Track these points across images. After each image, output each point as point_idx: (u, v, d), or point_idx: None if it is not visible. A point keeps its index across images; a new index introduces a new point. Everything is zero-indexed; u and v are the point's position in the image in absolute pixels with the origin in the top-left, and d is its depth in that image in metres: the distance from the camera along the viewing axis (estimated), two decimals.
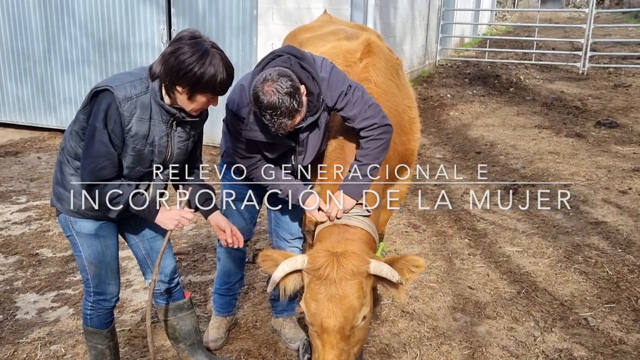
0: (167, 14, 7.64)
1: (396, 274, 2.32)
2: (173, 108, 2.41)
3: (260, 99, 2.34)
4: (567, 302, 3.85)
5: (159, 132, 2.43)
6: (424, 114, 9.33)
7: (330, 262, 2.30)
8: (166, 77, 2.27)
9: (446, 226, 5.19)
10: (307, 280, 2.38)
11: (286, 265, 2.38)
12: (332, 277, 2.28)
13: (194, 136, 2.63)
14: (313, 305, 2.31)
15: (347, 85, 2.59)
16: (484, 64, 13.49)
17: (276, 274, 2.38)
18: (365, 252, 2.42)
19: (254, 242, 4.65)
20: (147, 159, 2.47)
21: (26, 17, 8.25)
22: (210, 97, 2.35)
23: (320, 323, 2.28)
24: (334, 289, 2.27)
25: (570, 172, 6.58)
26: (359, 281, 2.31)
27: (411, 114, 3.28)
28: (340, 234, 2.53)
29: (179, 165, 2.64)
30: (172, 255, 2.91)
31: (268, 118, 2.38)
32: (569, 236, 4.91)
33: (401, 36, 10.45)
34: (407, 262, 2.37)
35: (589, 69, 12.41)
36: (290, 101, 2.33)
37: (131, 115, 2.33)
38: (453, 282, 4.16)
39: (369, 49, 3.04)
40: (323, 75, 2.58)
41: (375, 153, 2.63)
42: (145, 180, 2.56)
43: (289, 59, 2.49)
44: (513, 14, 23.95)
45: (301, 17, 6.99)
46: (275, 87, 2.32)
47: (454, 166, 7.01)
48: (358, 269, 2.31)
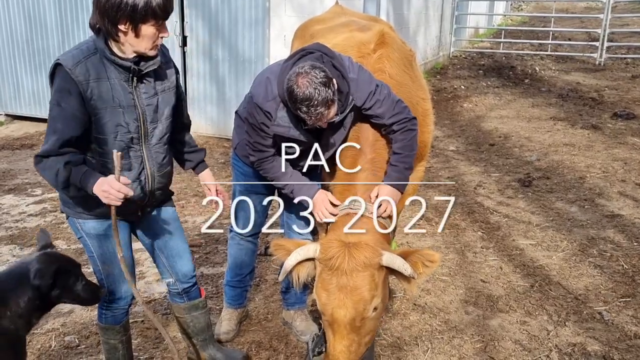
0: (180, 7, 7.64)
1: (409, 267, 2.31)
2: (127, 61, 2.29)
3: (295, 92, 2.34)
4: (581, 296, 3.81)
5: (121, 90, 2.32)
6: (438, 105, 9.26)
7: (342, 253, 2.30)
8: (105, 22, 2.20)
9: (459, 219, 5.15)
10: (318, 269, 2.38)
11: (298, 254, 2.38)
12: (343, 267, 2.28)
13: (164, 92, 2.47)
14: (324, 295, 2.31)
15: (374, 85, 2.63)
16: (498, 55, 13.33)
17: (288, 262, 2.39)
18: (379, 244, 2.42)
19: (265, 235, 4.66)
20: (120, 122, 2.33)
21: (42, 11, 8.30)
22: (156, 25, 2.23)
23: (330, 313, 2.29)
24: (345, 279, 2.27)
25: (586, 165, 6.50)
26: (371, 273, 2.30)
27: (425, 105, 3.26)
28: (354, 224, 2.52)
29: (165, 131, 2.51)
30: (189, 255, 2.85)
31: (305, 110, 2.37)
32: (584, 229, 4.85)
33: (415, 27, 10.37)
34: (422, 256, 2.36)
35: (606, 60, 12.21)
36: (326, 91, 2.34)
37: (87, 79, 2.23)
38: (465, 275, 4.14)
39: (382, 40, 3.02)
40: (352, 76, 2.60)
41: (412, 144, 2.72)
42: (135, 154, 2.43)
43: (322, 57, 2.50)
44: (529, 4, 23.62)
45: (314, 9, 6.95)
46: (309, 78, 2.33)
47: (467, 158, 6.97)
48: (370, 261, 2.31)
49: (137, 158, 2.44)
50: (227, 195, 2.82)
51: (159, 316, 3.62)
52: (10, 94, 8.86)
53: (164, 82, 2.48)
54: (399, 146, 2.70)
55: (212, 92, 7.83)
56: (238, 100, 7.36)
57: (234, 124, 3.11)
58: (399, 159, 2.71)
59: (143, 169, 2.47)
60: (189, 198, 5.66)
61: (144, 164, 2.47)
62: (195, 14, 7.63)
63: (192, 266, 2.83)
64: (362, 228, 2.48)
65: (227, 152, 7.23)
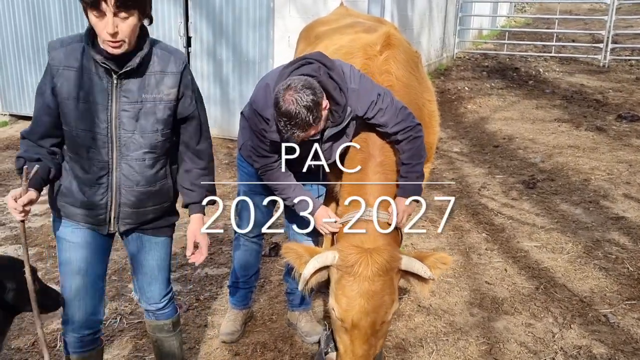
0: (185, 7, 7.66)
1: (427, 270, 2.33)
2: (98, 55, 2.07)
3: (279, 104, 2.33)
4: (587, 299, 3.80)
5: (94, 85, 2.12)
6: (441, 107, 9.21)
7: (363, 259, 2.30)
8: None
9: (463, 220, 5.14)
10: (336, 276, 2.38)
11: (316, 262, 2.38)
12: (365, 273, 2.28)
13: (152, 102, 2.18)
14: (344, 302, 2.31)
15: (376, 94, 2.59)
16: (502, 56, 13.31)
17: (307, 270, 2.39)
18: (395, 248, 2.43)
19: (269, 236, 4.66)
20: (84, 118, 2.14)
21: (47, 11, 8.33)
22: (96, 14, 1.94)
23: (351, 320, 2.28)
24: (367, 285, 2.28)
25: (590, 167, 6.48)
26: (391, 277, 2.32)
27: (431, 107, 3.25)
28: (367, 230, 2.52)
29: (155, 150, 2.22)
30: (164, 283, 2.53)
31: (282, 125, 2.36)
32: (588, 231, 4.84)
33: (418, 29, 10.36)
34: (437, 259, 2.38)
35: (610, 62, 12.17)
36: (306, 114, 2.30)
37: (59, 64, 2.11)
38: (470, 277, 4.13)
39: (388, 41, 3.01)
40: (353, 86, 2.57)
41: (419, 152, 2.69)
42: (100, 158, 2.19)
43: (319, 68, 2.46)
44: (532, 6, 23.60)
45: (318, 10, 6.96)
46: (296, 97, 2.30)
47: (471, 160, 6.96)
48: (391, 265, 2.32)
49: (100, 163, 2.20)
50: (204, 253, 2.43)
51: None
52: (15, 94, 8.88)
53: (154, 93, 2.19)
54: (407, 156, 2.67)
55: (216, 93, 7.83)
56: (242, 100, 7.38)
57: (240, 124, 3.11)
58: (409, 169, 2.68)
59: (106, 175, 2.23)
60: None
61: (109, 171, 2.22)
62: (200, 14, 7.64)
63: (163, 292, 2.53)
64: (377, 235, 2.48)
65: (231, 153, 7.23)
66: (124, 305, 3.73)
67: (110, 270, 4.17)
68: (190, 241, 2.40)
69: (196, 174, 2.39)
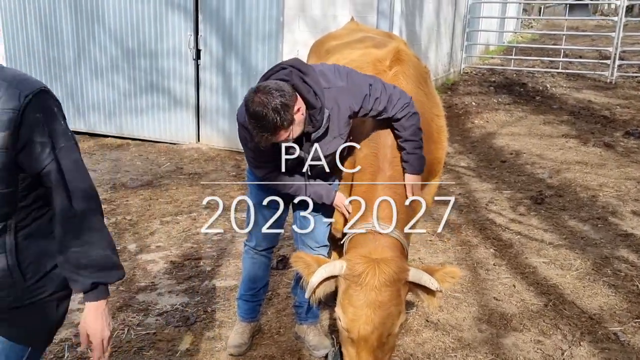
0: (195, 22, 7.74)
1: (435, 282, 2.33)
2: None
3: (248, 106, 2.36)
4: (596, 316, 3.77)
5: None
6: (449, 122, 9.19)
7: (371, 269, 2.31)
8: None
9: (471, 235, 5.13)
10: (344, 286, 2.39)
11: (324, 271, 2.39)
12: (372, 283, 2.29)
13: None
14: (351, 312, 2.32)
15: (367, 85, 2.64)
16: (509, 72, 13.34)
17: (314, 279, 2.40)
18: (402, 260, 2.44)
19: (278, 249, 4.67)
20: None
21: (58, 25, 8.43)
22: None
23: (358, 330, 2.28)
24: (374, 295, 2.28)
25: (598, 183, 6.46)
26: (398, 288, 2.32)
27: (439, 122, 3.28)
28: (375, 241, 2.53)
29: None
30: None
31: (251, 127, 2.39)
32: (597, 248, 4.82)
33: (426, 44, 10.41)
34: (446, 273, 2.38)
35: (617, 78, 12.18)
36: (274, 117, 2.31)
37: None
38: (478, 292, 4.11)
39: (398, 56, 3.04)
40: (341, 84, 2.61)
41: (419, 125, 2.74)
42: None
43: (291, 73, 2.50)
44: (539, 22, 23.69)
45: (327, 25, 7.02)
46: (264, 98, 2.32)
47: (478, 175, 6.95)
48: (398, 276, 2.33)
49: None
50: (101, 350, 1.81)
51: (171, 329, 3.61)
52: None
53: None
54: (410, 133, 2.72)
55: (225, 105, 7.88)
56: None
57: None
58: (416, 146, 2.73)
59: None
60: (200, 210, 5.68)
61: None
62: (209, 28, 7.72)
63: None
64: (385, 247, 2.49)
65: (239, 165, 7.26)
66: (132, 316, 3.73)
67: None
68: (82, 336, 1.80)
69: (74, 254, 1.72)
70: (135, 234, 5.08)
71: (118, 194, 6.15)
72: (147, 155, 7.87)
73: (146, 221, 5.37)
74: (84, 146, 8.29)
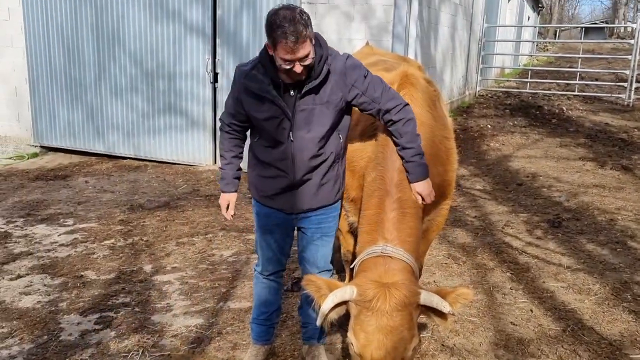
0: (212, 45, 7.87)
1: (447, 304, 2.32)
2: None
3: (277, 14, 2.50)
4: (616, 342, 3.70)
5: None
6: (464, 144, 9.25)
7: (382, 293, 2.30)
8: None
9: (487, 259, 5.09)
10: (355, 311, 2.38)
11: (335, 296, 2.39)
12: (384, 308, 2.28)
13: None
14: (362, 337, 2.31)
15: (366, 70, 2.79)
16: (525, 94, 13.34)
17: (325, 305, 2.40)
18: (413, 283, 2.43)
19: (292, 270, 4.66)
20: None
21: (80, 46, 8.62)
22: None
23: (370, 355, 2.27)
24: (385, 320, 2.28)
25: (616, 206, 6.39)
26: (410, 312, 2.31)
27: (448, 144, 3.29)
28: (385, 265, 2.53)
29: None
30: None
31: (279, 33, 2.47)
32: (616, 272, 4.74)
33: (441, 66, 10.47)
34: (458, 295, 2.37)
35: (635, 101, 12.11)
36: (303, 26, 2.47)
37: None
38: (495, 317, 4.06)
39: (405, 80, 3.09)
40: (345, 56, 2.78)
41: (416, 132, 2.80)
42: None
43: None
44: (555, 45, 23.70)
45: (342, 49, 7.04)
46: (290, 12, 2.50)
47: (494, 197, 6.91)
48: (409, 300, 2.32)
49: None
50: None
51: (185, 350, 3.61)
52: (46, 126, 9.14)
53: None
54: (408, 139, 2.76)
55: None
56: None
57: (248, 163, 3.23)
58: (414, 153, 2.76)
59: None
60: (216, 232, 5.71)
61: None
62: (227, 51, 7.84)
63: None
64: (395, 270, 2.48)
65: None
66: (147, 338, 3.74)
67: (134, 301, 4.21)
68: None
69: None
70: (152, 254, 5.12)
71: (135, 215, 6.21)
72: (164, 176, 7.95)
73: (162, 242, 5.41)
74: (103, 167, 8.41)
